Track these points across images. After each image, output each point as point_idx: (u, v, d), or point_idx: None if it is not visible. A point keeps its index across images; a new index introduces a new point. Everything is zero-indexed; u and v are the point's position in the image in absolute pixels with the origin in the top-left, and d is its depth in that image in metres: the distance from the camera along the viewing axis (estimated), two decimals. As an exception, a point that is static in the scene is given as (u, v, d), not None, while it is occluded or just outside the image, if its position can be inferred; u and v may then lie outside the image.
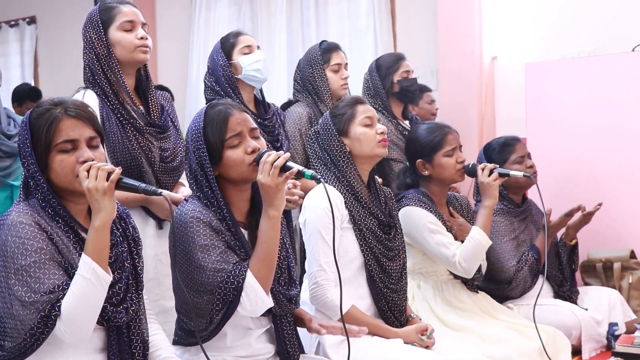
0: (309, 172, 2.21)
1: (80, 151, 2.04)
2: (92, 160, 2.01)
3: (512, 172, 3.31)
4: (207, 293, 2.20)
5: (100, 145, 2.10)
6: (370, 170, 2.91)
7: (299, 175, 2.21)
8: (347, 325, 2.38)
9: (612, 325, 3.63)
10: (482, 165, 3.29)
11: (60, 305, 1.92)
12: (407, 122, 4.06)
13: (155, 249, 2.75)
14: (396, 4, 5.93)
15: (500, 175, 3.26)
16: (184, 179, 2.91)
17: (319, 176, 2.24)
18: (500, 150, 3.74)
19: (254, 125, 2.34)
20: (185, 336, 2.35)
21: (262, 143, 2.31)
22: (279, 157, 2.17)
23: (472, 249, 3.17)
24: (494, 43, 5.44)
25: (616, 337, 3.54)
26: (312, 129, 2.99)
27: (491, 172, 3.26)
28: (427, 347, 2.72)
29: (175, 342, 2.38)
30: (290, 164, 2.19)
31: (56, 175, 2.03)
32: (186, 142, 2.35)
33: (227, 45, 3.39)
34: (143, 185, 2.04)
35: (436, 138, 3.31)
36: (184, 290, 2.20)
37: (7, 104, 6.51)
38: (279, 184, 2.17)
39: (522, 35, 5.33)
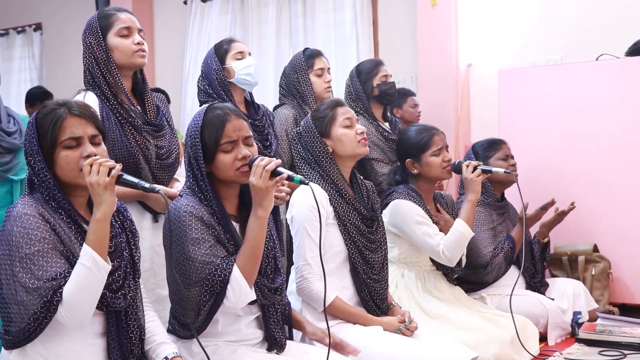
0: (298, 177, 2.21)
1: (83, 147, 2.04)
2: (95, 156, 2.00)
3: (494, 169, 3.35)
4: (195, 285, 2.17)
5: (102, 142, 2.10)
6: (352, 168, 2.88)
7: (289, 179, 2.20)
8: (343, 342, 2.47)
9: (576, 313, 3.65)
10: (466, 163, 3.30)
11: (62, 291, 1.91)
12: (387, 124, 4.04)
13: (151, 241, 2.71)
14: (378, 14, 5.92)
15: (484, 171, 3.28)
16: (179, 174, 2.89)
17: (307, 181, 2.24)
18: (487, 148, 3.80)
19: (249, 133, 2.32)
20: (178, 326, 2.32)
21: (254, 150, 2.30)
22: (270, 162, 2.16)
23: (455, 239, 3.17)
24: (469, 51, 5.45)
25: (580, 325, 3.56)
26: (295, 130, 2.95)
27: (475, 169, 3.26)
28: (410, 331, 2.71)
29: (169, 331, 2.35)
30: (280, 169, 2.18)
31: (61, 170, 2.02)
32: (185, 137, 2.34)
33: (220, 51, 3.35)
34: (141, 182, 2.04)
35: (424, 139, 3.32)
36: (177, 280, 2.18)
37: (11, 103, 6.44)
38: (269, 186, 2.17)
39: (495, 44, 5.35)
